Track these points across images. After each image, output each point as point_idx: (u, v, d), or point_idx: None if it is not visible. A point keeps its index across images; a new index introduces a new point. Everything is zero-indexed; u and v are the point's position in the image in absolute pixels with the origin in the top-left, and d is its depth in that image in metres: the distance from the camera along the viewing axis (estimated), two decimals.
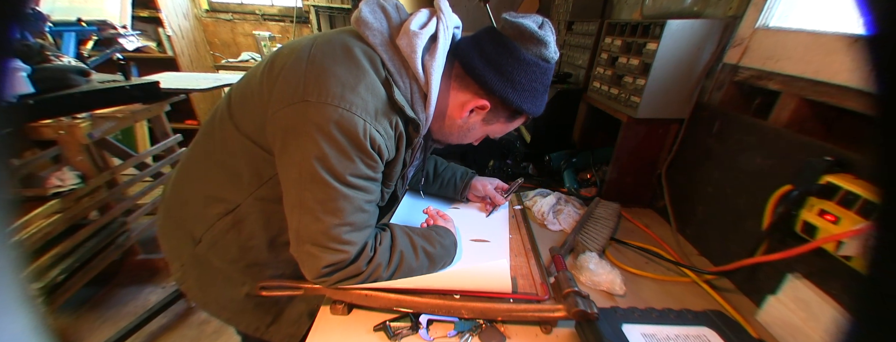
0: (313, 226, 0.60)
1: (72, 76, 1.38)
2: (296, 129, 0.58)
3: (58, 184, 1.43)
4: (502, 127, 0.77)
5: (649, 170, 1.13)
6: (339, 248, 0.61)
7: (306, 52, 0.61)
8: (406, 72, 0.65)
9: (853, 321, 0.20)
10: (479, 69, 0.67)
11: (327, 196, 0.59)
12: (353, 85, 0.58)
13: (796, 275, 0.67)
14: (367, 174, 0.62)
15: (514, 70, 0.66)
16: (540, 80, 0.69)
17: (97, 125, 1.43)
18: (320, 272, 0.62)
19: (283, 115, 0.58)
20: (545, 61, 0.68)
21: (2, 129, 0.20)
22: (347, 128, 0.57)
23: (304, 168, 0.58)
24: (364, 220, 0.64)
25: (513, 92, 0.67)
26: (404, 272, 0.68)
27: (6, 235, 0.21)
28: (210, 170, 0.71)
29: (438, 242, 0.75)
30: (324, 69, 0.58)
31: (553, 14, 2.00)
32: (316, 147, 0.57)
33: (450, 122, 0.73)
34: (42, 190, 1.40)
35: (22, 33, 1.37)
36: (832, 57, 0.68)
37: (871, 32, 0.17)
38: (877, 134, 0.18)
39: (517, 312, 0.66)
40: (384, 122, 0.61)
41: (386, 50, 0.63)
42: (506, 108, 0.71)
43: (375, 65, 0.62)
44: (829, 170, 0.62)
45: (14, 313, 0.19)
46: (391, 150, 0.65)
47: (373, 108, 0.59)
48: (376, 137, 0.60)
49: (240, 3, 3.61)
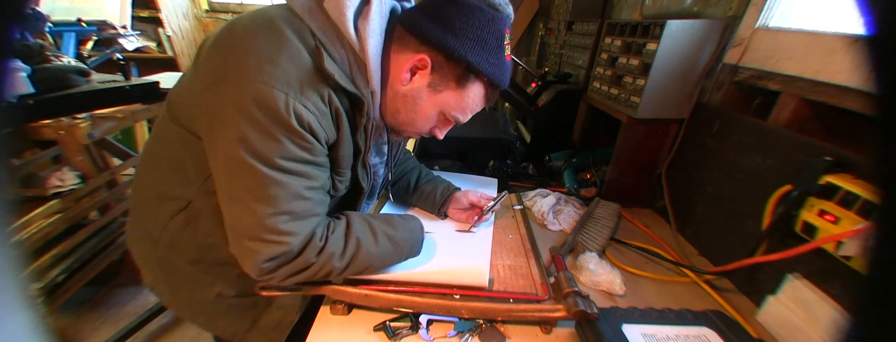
0: (246, 217, 0.55)
1: (72, 76, 1.38)
2: (217, 112, 0.54)
3: (58, 184, 1.43)
4: (455, 97, 0.66)
5: (649, 170, 1.13)
6: (277, 240, 0.55)
7: (228, 29, 0.57)
8: (339, 40, 0.58)
9: (853, 321, 0.20)
10: (415, 19, 0.61)
11: (256, 182, 0.54)
12: (272, 56, 0.53)
13: (796, 275, 0.67)
14: (302, 156, 0.56)
15: (452, 14, 0.59)
16: (486, 28, 0.60)
17: (97, 125, 1.43)
18: (261, 268, 0.57)
19: (206, 100, 0.55)
20: (491, 7, 0.60)
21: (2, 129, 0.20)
22: (266, 103, 0.51)
23: (228, 154, 0.54)
24: (306, 209, 0.58)
25: (453, 38, 0.59)
26: (362, 260, 0.63)
27: (6, 235, 0.21)
28: (159, 167, 0.68)
29: (402, 226, 0.70)
30: (243, 44, 0.54)
31: (553, 14, 2.00)
32: (237, 129, 0.52)
33: (392, 93, 0.65)
34: (42, 190, 1.40)
35: (22, 33, 1.38)
36: (832, 57, 0.68)
37: (871, 32, 0.17)
38: (877, 134, 0.18)
39: (517, 312, 0.66)
40: (313, 95, 0.55)
41: (314, 18, 0.57)
42: (451, 64, 0.62)
43: (302, 33, 0.56)
44: (829, 170, 0.62)
45: (14, 313, 0.19)
46: (329, 130, 0.59)
47: (297, 80, 0.53)
48: (304, 113, 0.53)
49: (240, 3, 3.61)
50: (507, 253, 0.85)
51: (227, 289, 0.73)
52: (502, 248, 0.86)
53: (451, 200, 0.94)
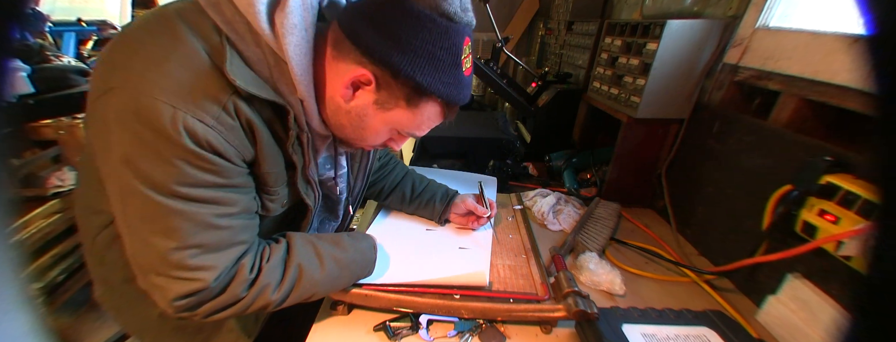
0: (146, 251, 0.48)
1: (72, 76, 1.38)
2: (101, 128, 0.46)
3: (58, 184, 1.43)
4: (407, 116, 0.56)
5: (649, 170, 1.13)
6: (187, 276, 0.48)
7: (125, 26, 0.50)
8: (252, 37, 0.48)
9: (853, 321, 0.20)
10: (355, 25, 0.50)
11: (150, 212, 0.46)
12: (158, 59, 0.44)
13: (796, 275, 0.67)
14: (206, 180, 0.47)
15: (399, 26, 0.49)
16: (438, 42, 0.50)
17: None
18: (174, 305, 0.48)
19: (92, 112, 0.47)
20: (445, 17, 0.50)
21: (2, 129, 0.20)
22: (149, 119, 0.42)
23: (116, 176, 0.46)
24: (221, 239, 0.50)
25: (399, 54, 0.49)
26: (306, 288, 0.57)
27: (6, 235, 0.21)
28: (86, 177, 0.60)
29: (352, 246, 0.64)
30: (130, 45, 0.46)
31: (553, 14, 2.00)
32: (121, 149, 0.44)
33: (333, 106, 0.56)
34: (42, 190, 1.40)
35: (22, 33, 1.38)
36: (832, 57, 0.68)
37: (871, 32, 0.17)
38: (877, 134, 0.18)
39: (517, 312, 0.66)
40: (211, 107, 0.45)
41: (219, 11, 0.47)
42: (398, 82, 0.52)
43: (202, 30, 0.47)
44: (829, 170, 0.62)
45: (14, 313, 0.19)
46: (242, 146, 0.49)
47: (188, 89, 0.44)
48: (199, 129, 0.44)
49: None
50: (507, 253, 0.85)
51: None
52: (502, 248, 0.86)
53: (451, 206, 0.92)
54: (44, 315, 1.31)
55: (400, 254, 0.78)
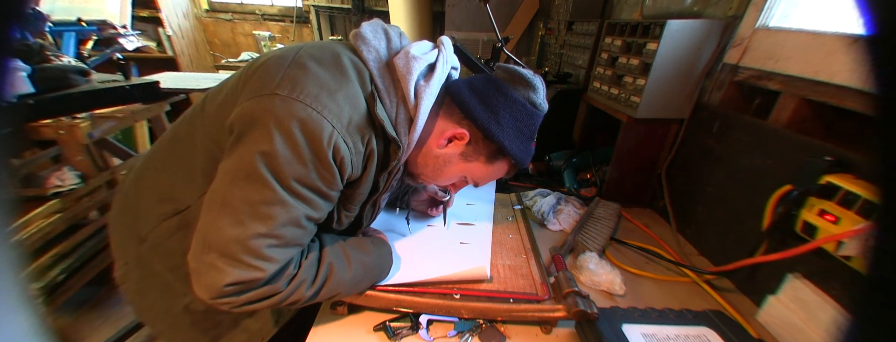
0: (229, 230, 0.51)
1: (72, 76, 1.38)
2: (253, 120, 0.52)
3: (58, 184, 1.43)
4: (482, 169, 0.72)
5: (649, 170, 1.13)
6: (253, 264, 0.51)
7: (293, 51, 0.58)
8: (395, 92, 0.62)
9: (853, 321, 0.20)
10: (465, 96, 0.66)
11: (261, 198, 0.52)
12: (332, 89, 0.55)
13: (796, 275, 0.67)
14: (318, 186, 0.55)
15: (499, 104, 0.65)
16: (525, 121, 0.67)
17: (97, 125, 1.43)
18: (221, 290, 0.51)
19: (247, 106, 0.53)
20: (533, 105, 0.67)
21: (2, 129, 0.20)
22: (311, 130, 0.52)
23: (244, 161, 0.51)
24: (295, 237, 0.56)
25: (495, 124, 0.65)
26: (333, 287, 0.61)
27: (6, 235, 0.21)
28: (168, 167, 0.67)
29: (375, 252, 0.70)
30: (305, 68, 0.55)
31: (553, 14, 2.00)
32: (267, 142, 0.51)
33: (426, 151, 0.69)
34: (42, 190, 1.40)
35: (22, 33, 1.38)
36: (832, 57, 0.68)
37: (871, 32, 0.17)
38: (877, 134, 0.18)
39: (517, 312, 0.66)
40: (356, 136, 0.57)
41: (378, 67, 0.62)
42: (486, 143, 0.68)
43: (362, 77, 0.60)
44: (829, 170, 0.62)
45: (14, 313, 0.19)
46: (356, 168, 0.60)
47: (347, 118, 0.55)
48: (342, 149, 0.54)
49: (240, 3, 3.61)
50: (507, 253, 0.85)
51: (198, 303, 0.69)
52: (502, 248, 0.86)
53: (411, 192, 0.96)
54: (44, 315, 1.31)
55: (403, 252, 0.78)
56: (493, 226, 0.94)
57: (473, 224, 0.93)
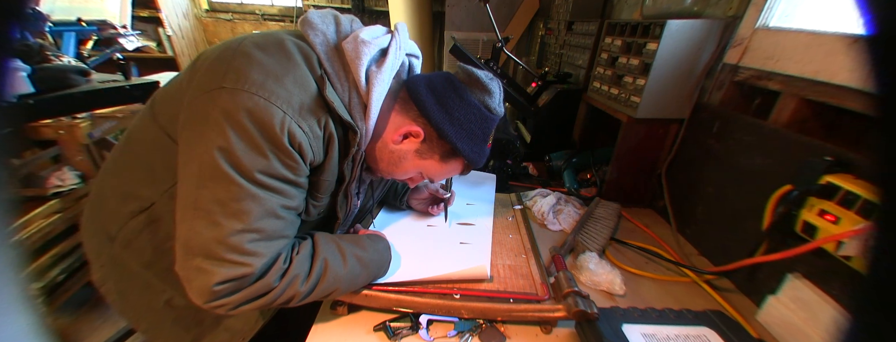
0: (207, 232, 0.51)
1: (72, 76, 1.38)
2: (204, 116, 0.52)
3: (58, 184, 1.42)
4: (436, 167, 0.72)
5: (649, 170, 1.13)
6: (239, 260, 0.51)
7: (237, 42, 0.57)
8: (346, 76, 0.62)
9: (853, 321, 0.20)
10: (422, 95, 0.66)
11: (230, 195, 0.51)
12: (278, 75, 0.54)
13: (796, 275, 0.67)
14: (284, 174, 0.55)
15: (455, 105, 0.66)
16: (479, 124, 0.68)
17: (97, 125, 1.43)
18: (213, 292, 0.51)
19: (195, 103, 0.53)
20: (488, 109, 0.68)
21: (2, 129, 0.20)
22: (261, 118, 0.51)
23: (204, 161, 0.51)
24: (277, 229, 0.56)
25: (449, 125, 0.66)
26: (330, 283, 0.60)
27: (6, 235, 0.21)
28: (128, 165, 0.66)
29: (371, 247, 0.70)
30: (249, 57, 0.54)
31: (553, 14, 2.00)
32: (221, 137, 0.50)
33: (382, 145, 0.69)
34: (42, 190, 1.40)
35: (22, 33, 1.38)
36: (832, 57, 0.68)
37: (871, 32, 0.17)
38: (877, 134, 0.18)
39: (517, 312, 0.66)
40: (310, 118, 0.56)
41: (325, 50, 0.61)
42: (440, 142, 0.68)
43: (310, 61, 0.59)
44: (829, 170, 0.62)
45: (14, 313, 0.19)
46: (318, 153, 0.59)
47: (298, 102, 0.55)
48: (297, 133, 0.54)
49: (240, 3, 3.61)
50: (507, 253, 0.85)
51: (178, 299, 0.70)
52: (502, 248, 0.86)
53: (412, 190, 0.97)
54: (44, 315, 1.31)
55: (403, 251, 0.79)
56: (493, 226, 0.94)
57: (473, 224, 0.93)
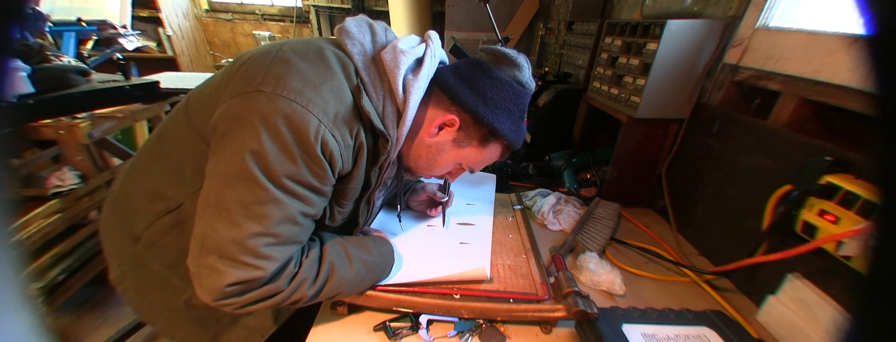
0: (225, 231, 0.51)
1: (72, 76, 1.38)
2: (239, 118, 0.52)
3: (58, 184, 1.43)
4: (476, 153, 0.71)
5: (649, 170, 1.13)
6: (252, 263, 0.52)
7: (276, 48, 0.58)
8: (382, 85, 0.62)
9: (853, 321, 0.20)
10: (451, 82, 0.66)
11: (254, 197, 0.52)
12: (316, 83, 0.55)
13: (796, 275, 0.67)
14: (310, 182, 0.55)
15: (486, 85, 0.66)
16: (513, 100, 0.67)
17: (97, 125, 1.43)
18: (222, 292, 0.51)
19: (231, 104, 0.53)
20: (519, 84, 0.67)
21: (2, 129, 0.20)
22: (297, 125, 0.51)
23: (233, 162, 0.51)
24: (293, 234, 0.56)
25: (484, 106, 0.65)
26: (335, 286, 0.61)
27: (6, 235, 0.21)
28: (157, 165, 0.66)
29: (377, 250, 0.70)
30: (289, 63, 0.55)
31: (553, 14, 2.00)
32: (255, 140, 0.51)
33: (419, 142, 0.69)
34: (42, 190, 1.40)
35: (22, 33, 1.38)
36: (832, 57, 0.68)
37: (871, 32, 0.17)
38: (877, 134, 0.18)
39: (517, 312, 0.66)
40: (343, 128, 0.57)
41: (363, 60, 0.61)
42: (477, 126, 0.67)
43: (347, 70, 0.60)
44: (829, 170, 0.62)
45: (14, 313, 0.19)
46: (347, 162, 0.60)
47: (333, 111, 0.55)
48: (330, 142, 0.54)
49: (240, 3, 3.61)
50: (507, 253, 0.85)
51: (198, 299, 0.67)
52: (502, 248, 0.86)
53: (410, 192, 0.96)
54: (44, 315, 1.31)
55: (404, 252, 0.78)
56: (493, 227, 0.94)
57: (473, 224, 0.93)
